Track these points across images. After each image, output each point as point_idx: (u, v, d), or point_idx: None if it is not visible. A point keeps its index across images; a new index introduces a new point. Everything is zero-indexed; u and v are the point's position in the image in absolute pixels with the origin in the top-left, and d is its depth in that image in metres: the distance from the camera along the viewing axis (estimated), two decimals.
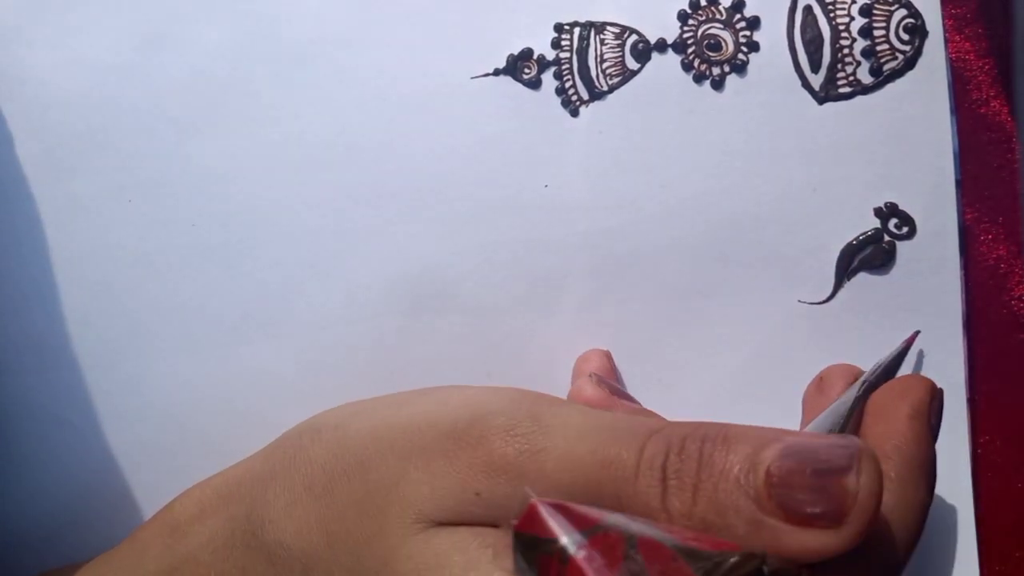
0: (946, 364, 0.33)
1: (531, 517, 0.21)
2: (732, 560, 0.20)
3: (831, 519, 0.21)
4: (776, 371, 0.33)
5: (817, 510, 0.21)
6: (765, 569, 0.21)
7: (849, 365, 0.32)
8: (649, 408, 0.32)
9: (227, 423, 0.34)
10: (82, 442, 0.34)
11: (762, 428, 0.23)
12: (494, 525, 0.24)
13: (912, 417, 0.26)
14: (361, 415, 0.28)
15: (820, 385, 0.32)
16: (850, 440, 0.22)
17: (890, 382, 0.29)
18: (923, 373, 0.33)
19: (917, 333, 0.32)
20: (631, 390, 0.34)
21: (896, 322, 0.33)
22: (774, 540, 0.21)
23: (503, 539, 0.23)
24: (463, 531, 0.24)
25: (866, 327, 0.33)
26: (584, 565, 0.20)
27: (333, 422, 0.28)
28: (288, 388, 0.34)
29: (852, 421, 0.27)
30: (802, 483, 0.21)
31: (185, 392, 0.34)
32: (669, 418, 0.31)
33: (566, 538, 0.21)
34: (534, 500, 0.21)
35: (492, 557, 0.23)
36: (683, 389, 0.33)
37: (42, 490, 0.34)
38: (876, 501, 0.21)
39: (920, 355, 0.33)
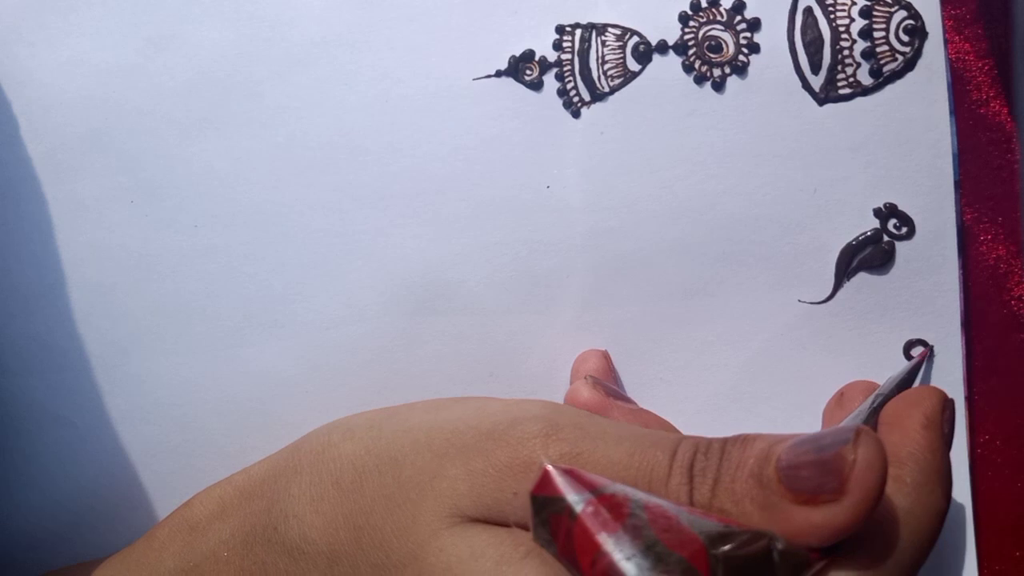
0: (945, 363, 0.33)
1: (544, 480, 0.22)
2: (742, 537, 0.21)
3: (833, 490, 0.22)
4: (776, 371, 0.33)
5: (820, 485, 0.22)
6: (775, 551, 0.21)
7: (868, 381, 0.32)
8: (650, 408, 0.32)
9: (230, 424, 0.34)
10: (85, 443, 0.34)
11: (781, 434, 0.24)
12: (527, 528, 0.24)
13: (926, 426, 0.27)
14: (396, 417, 0.28)
15: (840, 400, 0.32)
16: (852, 424, 0.23)
17: (903, 393, 0.29)
18: (923, 373, 0.33)
19: (930, 348, 0.33)
20: (631, 389, 0.34)
21: (896, 322, 0.33)
22: (785, 522, 0.22)
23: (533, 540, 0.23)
24: (497, 528, 0.24)
25: (866, 327, 0.33)
26: (589, 520, 0.21)
27: (366, 423, 0.28)
28: (291, 388, 0.34)
29: None
30: (807, 462, 0.22)
31: (188, 393, 0.34)
32: (669, 418, 0.32)
33: (574, 496, 0.22)
34: (547, 465, 0.22)
35: (525, 555, 0.23)
36: (683, 388, 0.34)
37: (45, 490, 0.34)
38: (875, 472, 0.22)
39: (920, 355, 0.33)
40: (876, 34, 0.32)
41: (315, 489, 0.27)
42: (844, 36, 0.32)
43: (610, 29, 0.33)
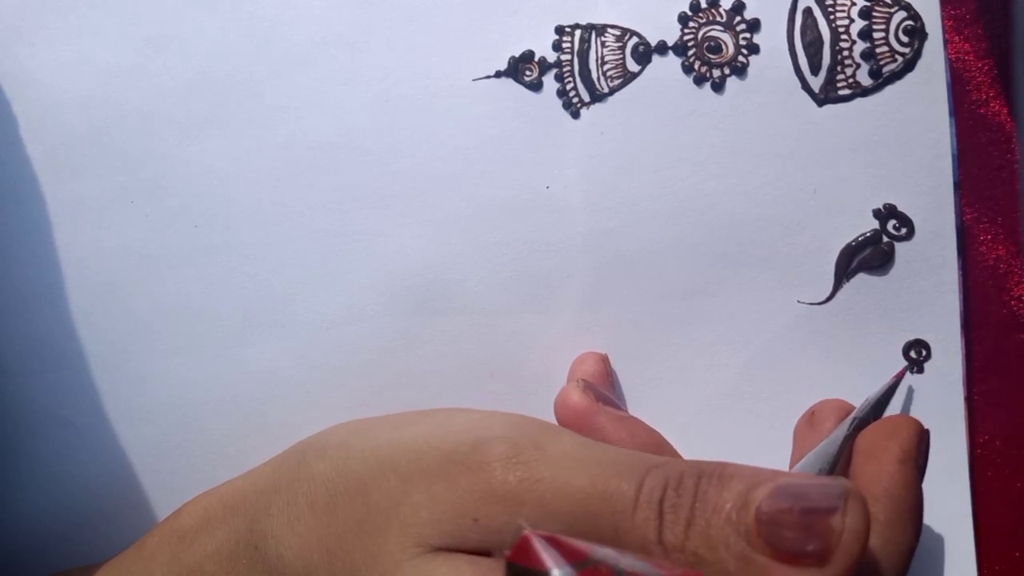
0: (945, 364, 0.33)
1: (523, 548, 0.21)
2: None
3: (817, 557, 0.21)
4: (775, 371, 0.33)
5: (803, 548, 0.21)
6: None
7: (841, 400, 0.32)
8: (649, 408, 0.32)
9: (230, 424, 0.34)
10: (85, 443, 0.34)
11: (758, 468, 0.23)
12: (489, 553, 0.24)
13: (902, 461, 0.27)
14: (365, 434, 0.28)
15: (811, 419, 0.32)
16: (839, 482, 0.22)
17: (879, 422, 0.29)
18: (923, 373, 0.33)
19: (906, 369, 0.33)
20: (631, 389, 0.34)
21: (895, 323, 0.33)
22: None
23: (497, 568, 0.23)
24: (458, 558, 0.24)
25: (865, 328, 0.33)
26: None
27: (336, 440, 0.28)
28: (291, 389, 0.34)
29: (842, 459, 0.28)
30: (790, 521, 0.22)
31: (188, 393, 0.34)
32: (669, 418, 0.32)
33: (557, 571, 0.21)
34: (527, 532, 0.21)
35: None
36: (683, 388, 0.34)
37: (45, 491, 0.34)
38: (861, 543, 0.22)
39: (920, 354, 0.33)
40: (876, 35, 0.32)
41: (291, 510, 0.27)
42: (844, 37, 0.32)
43: (609, 30, 0.33)
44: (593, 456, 0.24)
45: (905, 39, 0.32)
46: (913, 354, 0.33)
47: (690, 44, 0.33)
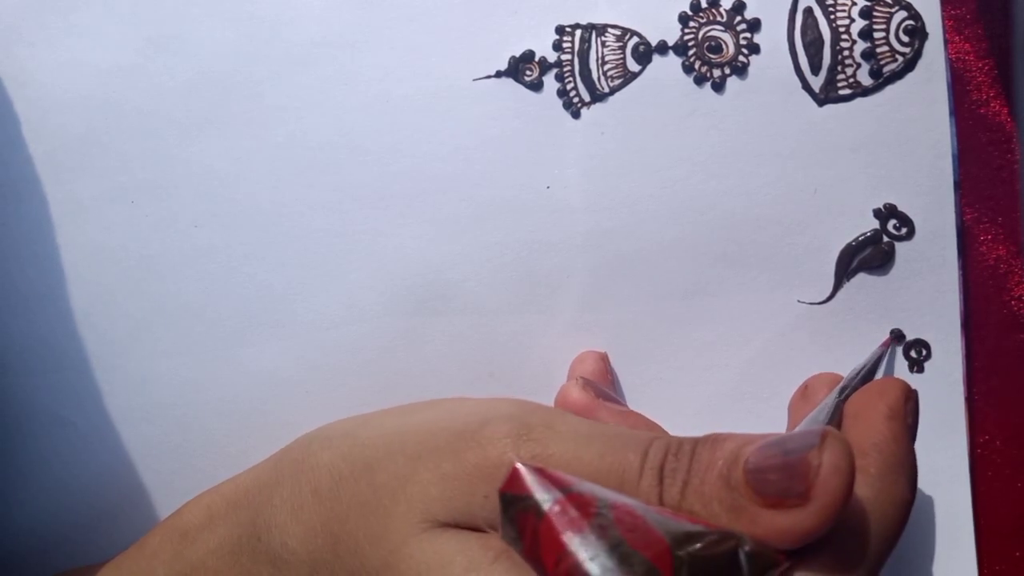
0: (945, 364, 0.33)
1: (513, 478, 0.22)
2: (710, 537, 0.21)
3: (798, 494, 0.22)
4: (776, 371, 0.33)
5: (787, 490, 0.22)
6: (741, 553, 0.21)
7: (832, 373, 0.33)
8: (650, 408, 0.32)
9: (230, 424, 0.34)
10: (85, 443, 0.34)
11: (751, 434, 0.24)
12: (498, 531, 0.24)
13: (889, 417, 0.27)
14: (371, 423, 0.28)
15: (804, 393, 0.32)
16: (819, 427, 0.23)
17: (866, 385, 0.29)
18: (923, 373, 0.33)
19: (893, 337, 0.33)
20: (631, 389, 0.34)
21: (895, 322, 0.33)
22: (752, 524, 0.22)
23: (506, 546, 0.23)
24: (466, 534, 0.24)
25: (865, 327, 0.33)
26: (556, 519, 0.21)
27: (342, 431, 0.28)
28: (291, 389, 0.34)
29: (831, 425, 0.28)
30: (773, 466, 0.22)
31: (188, 393, 0.34)
32: (669, 418, 0.32)
33: (542, 494, 0.22)
34: (516, 463, 0.22)
35: (493, 560, 0.23)
36: (684, 389, 0.34)
37: (46, 490, 0.34)
38: (841, 476, 0.22)
39: (920, 354, 0.33)
40: (876, 35, 0.32)
41: (295, 498, 0.27)
42: (844, 37, 0.32)
43: (610, 29, 0.33)
44: (600, 432, 0.25)
45: (905, 39, 0.32)
46: (913, 354, 0.33)
47: (690, 44, 0.33)
